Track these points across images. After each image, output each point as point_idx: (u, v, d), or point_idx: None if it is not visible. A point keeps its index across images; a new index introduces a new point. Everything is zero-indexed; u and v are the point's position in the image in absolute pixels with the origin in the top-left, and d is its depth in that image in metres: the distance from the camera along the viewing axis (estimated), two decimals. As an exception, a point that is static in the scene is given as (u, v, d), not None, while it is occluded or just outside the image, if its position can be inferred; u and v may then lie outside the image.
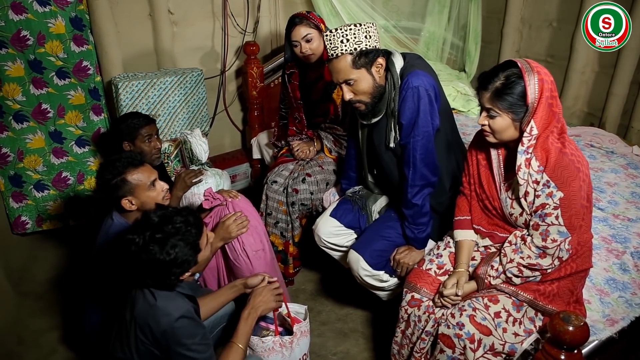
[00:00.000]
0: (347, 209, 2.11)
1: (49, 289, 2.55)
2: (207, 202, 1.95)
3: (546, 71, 1.44)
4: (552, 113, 1.42)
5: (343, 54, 1.70)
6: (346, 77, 1.73)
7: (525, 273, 1.51)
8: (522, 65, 1.42)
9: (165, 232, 1.37)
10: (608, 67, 3.10)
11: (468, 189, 1.72)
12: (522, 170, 1.45)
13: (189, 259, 1.40)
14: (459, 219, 1.74)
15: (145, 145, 2.17)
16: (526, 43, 3.67)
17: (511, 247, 1.55)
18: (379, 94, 1.78)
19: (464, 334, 1.49)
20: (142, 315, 1.39)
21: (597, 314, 1.63)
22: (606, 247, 1.90)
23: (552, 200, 1.43)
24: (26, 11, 2.38)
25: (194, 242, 1.42)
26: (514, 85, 1.41)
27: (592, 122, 3.28)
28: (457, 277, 1.62)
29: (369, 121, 1.87)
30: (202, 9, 3.05)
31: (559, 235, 1.44)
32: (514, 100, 1.42)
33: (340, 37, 1.68)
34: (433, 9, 3.68)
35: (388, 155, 1.90)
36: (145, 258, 1.36)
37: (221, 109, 3.34)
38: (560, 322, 1.21)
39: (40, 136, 2.63)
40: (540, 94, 1.39)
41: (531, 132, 1.42)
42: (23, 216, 2.73)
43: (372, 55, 1.73)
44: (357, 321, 2.32)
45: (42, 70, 2.51)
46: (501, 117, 1.45)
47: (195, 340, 1.37)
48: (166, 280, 1.39)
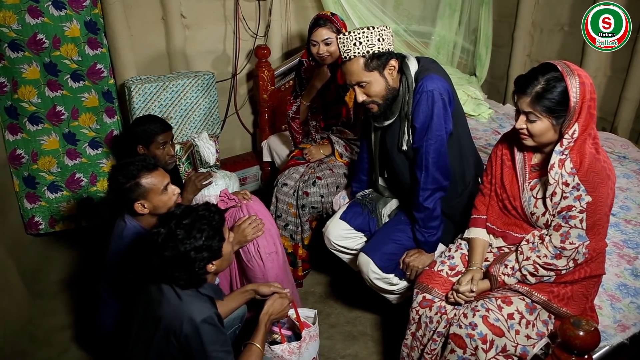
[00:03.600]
0: (357, 212, 2.12)
1: (62, 288, 2.58)
2: (222, 202, 1.97)
3: (586, 74, 1.43)
4: (591, 115, 1.42)
5: (356, 57, 1.72)
6: (358, 79, 1.76)
7: (540, 272, 1.51)
8: (562, 68, 1.41)
9: (191, 218, 1.40)
10: (620, 71, 3.08)
11: (488, 188, 1.73)
12: (555, 170, 1.45)
13: (215, 244, 1.42)
14: (475, 217, 1.75)
15: (159, 151, 2.17)
16: (537, 47, 3.66)
17: (528, 245, 1.56)
18: (391, 96, 1.80)
19: (477, 334, 1.49)
20: (168, 318, 1.39)
21: (608, 319, 1.62)
22: (618, 252, 1.88)
23: (579, 203, 1.43)
24: (42, 15, 2.42)
25: (218, 227, 1.44)
26: (554, 89, 1.40)
27: (604, 127, 3.25)
28: (472, 274, 1.63)
29: (381, 124, 1.88)
30: (214, 12, 3.08)
31: (577, 239, 1.45)
32: (555, 105, 1.41)
33: (353, 40, 1.71)
34: (444, 12, 3.67)
35: (400, 157, 1.91)
36: (172, 246, 1.37)
37: (232, 112, 3.36)
38: (571, 327, 1.20)
39: (54, 138, 2.67)
40: (583, 97, 1.39)
41: (573, 135, 1.42)
42: (37, 217, 2.77)
43: (385, 58, 1.74)
44: (366, 324, 2.32)
45: (57, 73, 2.55)
46: (541, 121, 1.45)
47: (216, 347, 1.38)
48: (193, 269, 1.39)
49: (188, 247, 1.37)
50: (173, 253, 1.37)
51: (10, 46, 2.41)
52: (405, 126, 1.81)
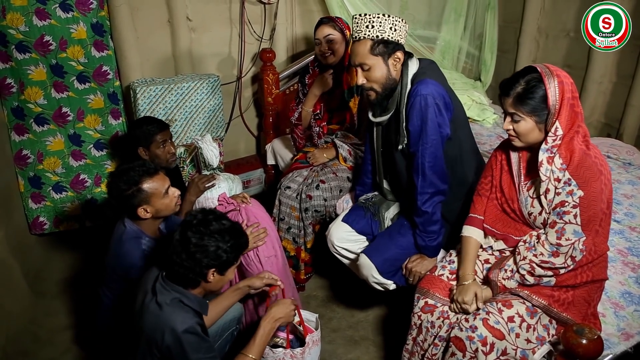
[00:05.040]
0: (359, 215, 2.12)
1: (65, 289, 2.59)
2: (221, 207, 1.97)
3: (565, 74, 1.47)
4: (575, 113, 1.45)
5: (364, 39, 1.76)
6: (362, 60, 1.78)
7: (537, 271, 1.51)
8: (541, 69, 1.46)
9: (232, 225, 1.45)
10: (626, 77, 3.06)
11: (486, 189, 1.73)
12: (545, 167, 1.47)
13: (230, 258, 1.43)
14: (472, 216, 1.75)
15: (159, 150, 2.19)
16: (543, 52, 3.65)
17: (525, 245, 1.57)
18: (390, 87, 1.82)
19: (477, 337, 1.48)
20: (148, 330, 1.38)
21: (612, 327, 1.61)
22: (622, 260, 1.87)
23: (571, 198, 1.44)
24: (50, 17, 2.44)
25: (241, 249, 1.47)
26: (534, 89, 1.45)
27: (609, 133, 3.24)
28: (474, 290, 1.61)
29: (378, 117, 1.90)
30: (220, 16, 3.10)
31: (573, 235, 1.45)
32: (536, 104, 1.45)
33: (366, 22, 1.74)
34: (449, 17, 3.68)
35: (399, 156, 1.93)
36: (202, 231, 1.38)
37: (237, 115, 3.37)
38: (574, 335, 1.20)
39: (59, 139, 2.69)
40: (562, 95, 1.43)
41: (556, 132, 1.45)
42: (41, 217, 2.78)
43: (392, 47, 1.77)
44: (368, 329, 2.31)
45: (64, 74, 2.57)
46: (525, 121, 1.49)
47: (200, 355, 1.37)
48: (197, 264, 1.38)
49: (212, 241, 1.38)
50: (196, 238, 1.38)
51: (17, 48, 2.42)
52: (401, 126, 1.83)
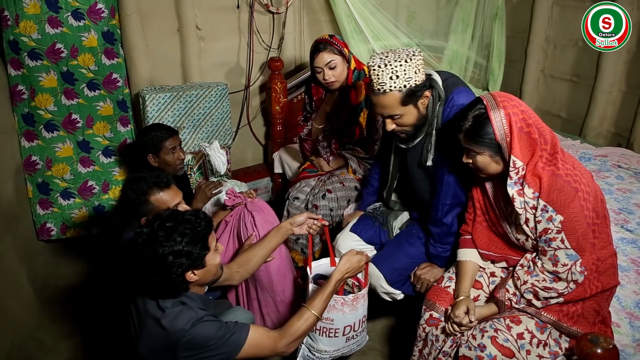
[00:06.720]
0: (367, 225, 2.10)
1: (71, 295, 2.59)
2: (229, 200, 1.99)
3: (515, 102, 1.43)
4: (533, 141, 1.41)
5: (391, 91, 1.63)
6: (392, 112, 1.69)
7: (541, 294, 1.46)
8: (487, 102, 1.42)
9: (174, 221, 1.36)
10: (636, 87, 3.04)
11: (471, 212, 1.70)
12: (517, 200, 1.43)
13: (196, 251, 1.36)
14: (464, 238, 1.72)
15: (169, 157, 2.19)
16: (551, 62, 3.64)
17: (523, 269, 1.53)
18: (421, 123, 1.75)
19: (486, 356, 1.45)
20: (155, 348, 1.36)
21: (627, 338, 1.57)
22: (636, 269, 1.84)
23: (553, 224, 1.40)
24: (62, 25, 2.46)
25: (203, 235, 1.38)
26: (482, 124, 1.43)
27: (620, 143, 3.21)
28: (466, 305, 1.56)
29: (409, 145, 1.82)
30: (229, 25, 3.12)
31: (568, 259, 1.41)
32: (485, 140, 1.43)
33: (389, 74, 1.61)
34: (457, 27, 3.69)
35: (420, 174, 1.88)
36: (152, 247, 1.32)
37: (244, 123, 3.38)
38: (588, 344, 1.17)
39: (68, 145, 2.70)
40: (510, 127, 1.39)
41: (515, 164, 1.41)
42: (49, 223, 2.78)
43: (421, 92, 1.68)
44: (376, 339, 2.28)
45: (74, 81, 2.59)
46: (480, 156, 1.47)
47: (222, 332, 1.35)
48: (170, 275, 1.33)
49: (167, 250, 1.32)
50: (151, 255, 1.32)
51: (29, 55, 2.45)
52: (431, 142, 1.76)
